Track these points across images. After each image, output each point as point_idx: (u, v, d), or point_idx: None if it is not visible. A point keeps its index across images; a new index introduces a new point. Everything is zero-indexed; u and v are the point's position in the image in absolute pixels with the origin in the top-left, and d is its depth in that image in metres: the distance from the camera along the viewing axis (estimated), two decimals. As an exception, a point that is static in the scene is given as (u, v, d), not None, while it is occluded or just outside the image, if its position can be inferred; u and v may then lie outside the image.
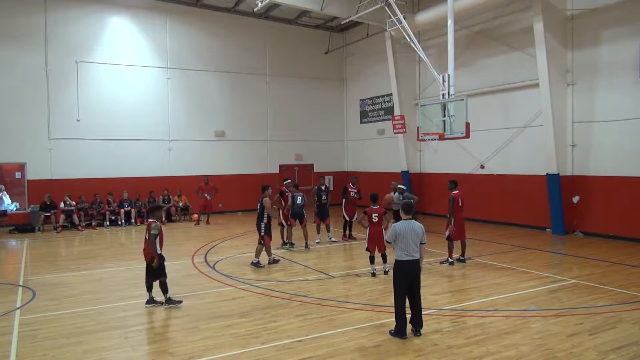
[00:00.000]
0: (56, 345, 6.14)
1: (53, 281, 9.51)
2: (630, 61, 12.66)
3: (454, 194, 10.38)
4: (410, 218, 6.46)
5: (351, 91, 24.33)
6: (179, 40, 20.23)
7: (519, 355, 5.61)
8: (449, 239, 10.44)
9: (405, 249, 6.22)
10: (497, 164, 16.58)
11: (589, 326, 6.54)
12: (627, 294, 8.06)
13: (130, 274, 10.12)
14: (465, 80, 16.66)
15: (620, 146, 13.11)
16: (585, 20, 13.74)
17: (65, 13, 18.04)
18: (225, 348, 5.95)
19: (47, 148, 17.77)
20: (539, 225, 15.07)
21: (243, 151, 21.83)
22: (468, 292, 8.46)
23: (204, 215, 18.06)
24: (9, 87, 17.15)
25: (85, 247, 13.85)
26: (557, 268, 10.47)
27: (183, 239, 14.84)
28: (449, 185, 10.62)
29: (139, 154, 19.35)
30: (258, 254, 10.48)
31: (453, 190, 10.45)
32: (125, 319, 7.17)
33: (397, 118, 18.17)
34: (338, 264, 11.04)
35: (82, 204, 17.10)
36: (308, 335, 6.30)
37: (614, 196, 13.26)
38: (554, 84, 13.83)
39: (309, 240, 12.65)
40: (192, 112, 20.58)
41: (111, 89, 18.87)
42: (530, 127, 15.32)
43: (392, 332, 6.27)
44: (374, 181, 21.81)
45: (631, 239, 12.79)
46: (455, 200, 10.32)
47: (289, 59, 22.86)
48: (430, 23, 16.68)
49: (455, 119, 12.58)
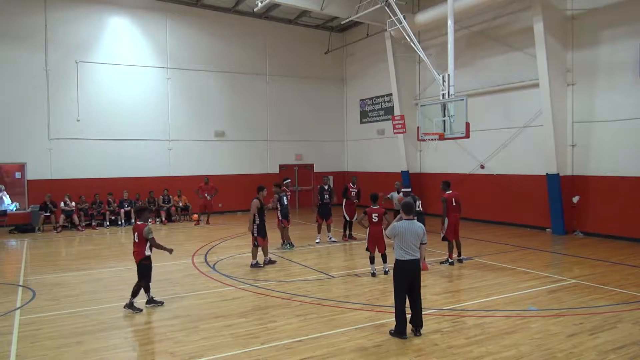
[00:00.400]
0: (56, 345, 6.14)
1: (53, 281, 9.51)
2: (630, 61, 12.66)
3: (447, 194, 10.51)
4: (411, 218, 6.46)
5: (351, 91, 24.33)
6: (179, 40, 20.23)
7: (519, 355, 5.61)
8: (446, 239, 10.47)
9: (404, 248, 6.23)
10: (497, 164, 16.58)
11: (589, 326, 6.54)
12: (627, 294, 8.06)
13: (130, 274, 10.05)
14: (465, 80, 16.66)
15: (620, 146, 13.11)
16: (585, 20, 13.74)
17: (65, 13, 18.04)
18: (225, 348, 5.95)
19: (47, 148, 17.77)
20: (539, 225, 15.07)
21: (243, 151, 21.83)
22: (468, 292, 8.46)
23: (204, 215, 18.07)
24: (9, 87, 17.16)
25: (85, 247, 13.85)
26: (557, 268, 10.47)
27: (183, 239, 14.85)
28: (442, 186, 10.76)
29: (139, 154, 19.35)
30: (254, 256, 10.47)
31: (446, 191, 10.58)
32: (125, 319, 7.17)
33: (397, 118, 18.17)
34: (338, 264, 11.04)
35: (82, 204, 17.11)
36: (308, 335, 6.30)
37: (614, 196, 13.26)
38: (554, 84, 13.83)
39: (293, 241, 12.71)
40: (192, 112, 20.59)
41: (111, 89, 18.87)
42: (530, 127, 15.32)
43: (392, 332, 6.27)
44: (374, 181, 21.83)
45: (631, 239, 12.79)
46: (448, 201, 10.45)
47: (288, 59, 22.86)
48: (430, 23, 16.69)
49: (455, 119, 12.58)
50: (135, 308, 7.42)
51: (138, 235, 7.48)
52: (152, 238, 7.46)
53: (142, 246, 7.50)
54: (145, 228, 7.44)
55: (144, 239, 7.46)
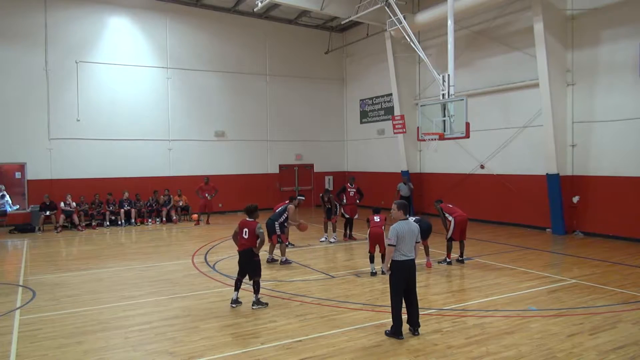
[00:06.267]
0: (56, 345, 6.14)
1: (53, 281, 9.51)
2: (630, 61, 12.67)
3: (441, 205, 10.79)
4: (407, 218, 6.48)
5: (351, 91, 24.33)
6: (179, 40, 20.23)
7: (519, 355, 5.61)
8: (450, 240, 10.48)
9: (402, 250, 6.23)
10: (497, 164, 16.58)
11: (589, 326, 6.54)
12: (627, 294, 8.06)
13: (130, 274, 10.13)
14: (465, 80, 16.66)
15: (620, 146, 13.10)
16: (585, 20, 13.74)
17: (65, 13, 18.03)
18: (225, 348, 5.95)
19: (47, 148, 17.77)
20: (539, 225, 15.07)
21: (243, 151, 21.82)
22: (468, 292, 8.46)
23: (204, 215, 18.06)
24: (9, 87, 17.15)
25: (85, 247, 13.85)
26: (557, 268, 10.47)
27: (183, 239, 14.85)
28: (435, 205, 11.05)
29: (139, 154, 19.35)
30: (283, 252, 10.89)
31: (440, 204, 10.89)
32: (125, 319, 7.17)
33: (397, 118, 18.17)
34: (338, 264, 11.04)
35: (83, 204, 17.11)
36: (308, 335, 6.30)
37: (614, 196, 13.26)
38: (554, 84, 13.83)
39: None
40: (192, 112, 20.58)
41: (111, 89, 18.86)
42: (530, 127, 15.32)
43: (387, 332, 6.27)
44: (374, 181, 21.85)
45: (631, 239, 12.79)
46: (444, 209, 10.62)
47: (289, 59, 22.86)
48: (430, 23, 16.69)
49: (455, 119, 12.57)
50: (262, 303, 7.59)
51: (249, 231, 7.58)
52: (262, 232, 7.61)
53: (251, 241, 7.61)
54: (257, 225, 7.60)
55: (254, 235, 7.57)
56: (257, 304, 7.54)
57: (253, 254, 7.60)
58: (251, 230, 7.57)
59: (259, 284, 7.70)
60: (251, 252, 7.59)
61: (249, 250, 7.59)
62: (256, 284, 7.63)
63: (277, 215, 11.01)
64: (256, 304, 7.53)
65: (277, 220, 10.86)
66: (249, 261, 7.61)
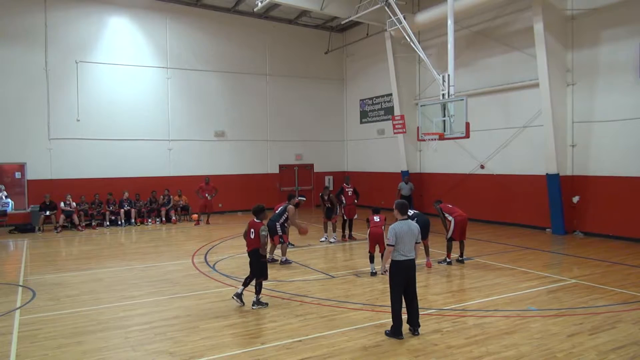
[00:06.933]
0: (56, 345, 6.14)
1: (53, 281, 9.50)
2: (630, 61, 12.66)
3: (441, 205, 10.77)
4: (406, 218, 6.47)
5: (351, 91, 24.32)
6: (179, 40, 20.23)
7: (519, 355, 5.61)
8: (450, 240, 10.48)
9: (401, 250, 6.23)
10: (497, 164, 16.58)
11: (589, 326, 6.54)
12: (627, 294, 8.06)
13: (130, 274, 10.13)
14: (465, 80, 16.66)
15: (620, 146, 13.10)
16: (585, 20, 13.74)
17: (65, 13, 18.03)
18: (225, 348, 5.95)
19: (47, 148, 17.76)
20: (539, 225, 15.07)
21: (243, 151, 21.82)
22: (468, 292, 8.46)
23: (204, 215, 18.06)
24: (9, 87, 17.14)
25: (85, 247, 13.84)
26: (557, 268, 10.47)
27: (183, 239, 14.85)
28: (435, 206, 11.01)
29: (139, 154, 19.34)
30: (284, 252, 10.92)
31: (439, 204, 10.86)
32: (125, 319, 7.17)
33: (397, 118, 18.18)
34: (338, 264, 11.04)
35: (83, 204, 17.11)
36: (308, 335, 6.30)
37: (614, 196, 13.25)
38: (554, 84, 13.83)
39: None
40: (192, 112, 20.58)
41: (111, 89, 18.86)
42: (530, 127, 15.32)
43: (387, 332, 6.27)
44: (374, 181, 21.86)
45: (631, 239, 12.79)
46: (444, 209, 10.61)
47: (289, 59, 22.86)
48: (430, 23, 16.68)
49: (455, 119, 12.58)
50: (262, 303, 7.59)
51: (255, 232, 7.63)
52: (264, 235, 7.62)
53: (257, 242, 7.63)
54: (262, 227, 7.62)
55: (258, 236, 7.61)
56: (257, 304, 7.55)
57: (260, 254, 7.63)
58: (257, 231, 7.62)
59: (262, 285, 7.72)
60: (258, 252, 7.62)
61: (256, 251, 7.63)
62: (259, 284, 7.65)
63: (277, 215, 11.03)
64: (256, 304, 7.54)
65: (278, 221, 10.89)
66: (255, 262, 7.65)
